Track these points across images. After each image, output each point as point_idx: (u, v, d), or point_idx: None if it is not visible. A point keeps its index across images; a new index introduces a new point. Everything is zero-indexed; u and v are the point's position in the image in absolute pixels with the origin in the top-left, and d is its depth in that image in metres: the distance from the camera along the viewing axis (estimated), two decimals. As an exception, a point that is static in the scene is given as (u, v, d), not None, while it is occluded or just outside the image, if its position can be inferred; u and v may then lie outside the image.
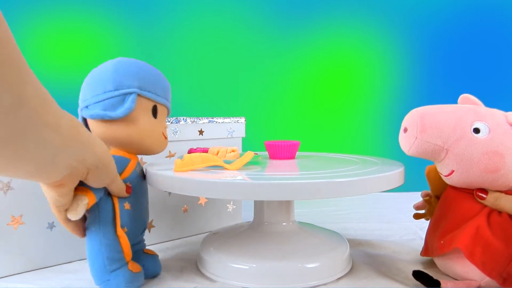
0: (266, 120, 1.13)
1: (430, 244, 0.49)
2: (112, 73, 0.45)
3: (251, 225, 0.55)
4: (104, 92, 0.44)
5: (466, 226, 0.43)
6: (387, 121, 1.14)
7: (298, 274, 0.45)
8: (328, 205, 0.91)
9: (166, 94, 0.49)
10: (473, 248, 0.41)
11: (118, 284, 0.42)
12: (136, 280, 0.44)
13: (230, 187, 0.40)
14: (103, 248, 0.43)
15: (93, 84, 0.45)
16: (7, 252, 0.50)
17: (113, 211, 0.44)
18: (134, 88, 0.45)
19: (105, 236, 0.43)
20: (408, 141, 0.44)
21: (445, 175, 0.46)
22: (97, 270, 0.43)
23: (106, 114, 0.44)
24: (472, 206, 0.45)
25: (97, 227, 0.43)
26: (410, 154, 0.45)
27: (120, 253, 0.43)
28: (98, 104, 0.44)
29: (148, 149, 0.48)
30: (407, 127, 0.44)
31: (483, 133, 0.42)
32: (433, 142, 0.42)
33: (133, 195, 0.46)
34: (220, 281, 0.47)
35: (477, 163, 0.42)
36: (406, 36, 1.14)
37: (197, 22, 1.10)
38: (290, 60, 1.16)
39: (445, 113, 0.43)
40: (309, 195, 0.39)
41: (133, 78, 0.45)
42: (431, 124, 0.42)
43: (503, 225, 0.42)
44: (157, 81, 0.48)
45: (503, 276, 0.41)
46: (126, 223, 0.45)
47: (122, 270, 0.43)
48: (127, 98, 0.44)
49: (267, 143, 0.59)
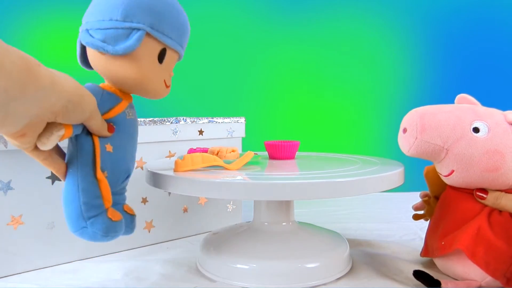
0: (266, 120, 1.13)
1: (430, 244, 0.49)
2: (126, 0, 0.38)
3: (251, 225, 0.55)
4: (110, 20, 0.38)
5: (467, 227, 0.43)
6: (387, 121, 1.14)
7: (298, 274, 0.46)
8: (328, 205, 0.91)
9: (181, 38, 0.43)
10: (474, 248, 0.41)
11: (95, 233, 0.38)
12: (115, 230, 0.39)
13: (230, 187, 0.40)
14: (80, 192, 0.38)
15: (100, 5, 0.40)
16: (7, 252, 0.50)
17: (93, 151, 0.39)
18: (145, 24, 0.39)
19: (83, 179, 0.38)
20: (407, 142, 0.44)
21: (445, 175, 0.45)
22: (72, 216, 0.38)
23: (104, 47, 0.38)
24: (472, 206, 0.45)
25: (75, 168, 0.38)
26: (410, 154, 0.45)
27: (99, 198, 0.39)
28: (99, 31, 0.39)
29: (145, 93, 0.43)
30: (406, 128, 0.44)
31: (482, 132, 0.42)
32: (433, 142, 0.42)
33: (117, 137, 0.41)
34: (220, 281, 0.47)
35: (477, 162, 0.42)
36: (406, 36, 1.14)
37: (197, 22, 1.10)
38: (290, 60, 1.16)
39: (444, 113, 0.43)
40: (309, 195, 0.39)
41: (147, 12, 0.39)
42: (431, 124, 0.42)
43: (505, 225, 0.42)
44: (176, 22, 0.41)
45: (507, 276, 0.41)
46: (107, 166, 0.40)
47: (100, 217, 0.38)
48: (133, 34, 0.39)
49: (267, 143, 0.59)
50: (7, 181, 0.49)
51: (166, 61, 0.42)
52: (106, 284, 0.47)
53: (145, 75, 0.40)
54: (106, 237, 0.38)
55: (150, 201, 0.62)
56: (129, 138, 0.43)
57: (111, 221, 0.39)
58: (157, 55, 0.41)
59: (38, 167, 0.51)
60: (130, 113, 0.43)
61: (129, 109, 0.43)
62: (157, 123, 0.62)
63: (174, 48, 0.42)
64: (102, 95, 0.40)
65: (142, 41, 0.39)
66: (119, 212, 0.42)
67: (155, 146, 0.63)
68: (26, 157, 0.50)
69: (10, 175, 0.49)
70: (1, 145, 0.48)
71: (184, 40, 0.44)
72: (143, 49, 0.40)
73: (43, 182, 0.51)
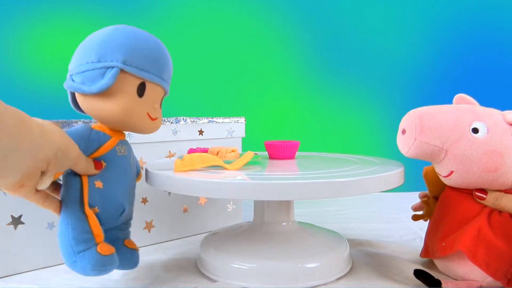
0: (266, 120, 1.13)
1: (430, 245, 0.49)
2: (100, 42, 0.41)
3: (251, 225, 0.55)
4: (86, 63, 0.41)
5: (467, 228, 0.43)
6: (387, 121, 1.14)
7: (298, 274, 0.45)
8: (328, 205, 0.91)
9: (161, 71, 0.44)
10: (475, 249, 0.41)
11: (84, 267, 0.39)
12: (105, 264, 0.40)
13: (230, 187, 0.40)
14: (70, 229, 0.39)
15: (80, 51, 0.42)
16: (7, 252, 0.50)
17: (80, 189, 0.40)
18: (118, 62, 0.40)
19: (70, 216, 0.39)
20: (407, 143, 0.44)
21: (444, 176, 0.45)
22: (65, 251, 0.39)
23: (81, 88, 0.40)
24: (472, 207, 0.45)
25: (65, 205, 0.40)
26: (409, 155, 0.45)
27: (88, 233, 0.40)
28: (79, 74, 0.41)
29: (131, 128, 0.44)
30: (405, 129, 0.44)
31: (481, 133, 0.42)
32: (432, 143, 0.42)
33: (108, 173, 0.42)
34: (220, 281, 0.47)
35: (477, 163, 0.42)
36: (406, 36, 1.14)
37: (197, 22, 1.10)
38: (290, 60, 1.16)
39: (443, 113, 0.43)
40: (309, 195, 0.39)
41: (120, 50, 0.40)
42: (430, 125, 0.42)
43: (505, 225, 0.42)
44: (151, 55, 0.42)
45: (507, 276, 0.41)
46: (97, 202, 0.41)
47: (89, 252, 0.39)
48: (108, 72, 0.40)
49: (267, 143, 0.59)
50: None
51: (147, 95, 0.43)
52: (106, 284, 0.47)
53: (125, 109, 0.41)
54: (94, 271, 0.39)
55: (150, 201, 0.62)
56: (121, 174, 0.44)
57: (100, 255, 0.39)
58: (135, 90, 0.42)
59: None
60: (121, 149, 0.44)
61: (120, 146, 0.44)
62: (157, 123, 0.62)
63: (154, 81, 0.43)
64: (90, 135, 0.42)
65: (118, 78, 0.40)
66: (119, 246, 0.44)
67: (155, 146, 0.63)
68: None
69: (10, 175, 0.49)
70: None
71: (163, 72, 0.44)
72: (120, 85, 0.41)
73: (43, 182, 0.51)
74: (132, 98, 0.42)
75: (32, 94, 0.94)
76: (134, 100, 0.42)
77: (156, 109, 0.45)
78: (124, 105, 0.41)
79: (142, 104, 0.43)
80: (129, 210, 0.46)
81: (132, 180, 0.46)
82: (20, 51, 0.94)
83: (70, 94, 0.44)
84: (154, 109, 0.44)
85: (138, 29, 0.43)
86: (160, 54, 0.44)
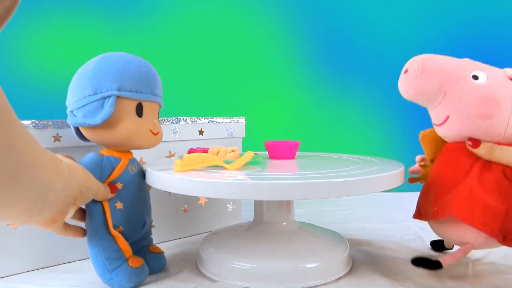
0: (266, 120, 1.13)
1: (423, 207, 0.48)
2: (92, 75, 0.43)
3: (251, 225, 0.55)
4: (84, 97, 0.43)
5: (458, 191, 0.43)
6: (387, 121, 1.14)
7: (298, 274, 0.46)
8: (328, 205, 0.91)
9: (153, 89, 0.46)
10: (470, 212, 0.41)
11: (120, 282, 0.44)
12: (138, 275, 0.45)
13: (230, 187, 0.40)
14: (101, 251, 0.44)
15: (74, 87, 0.45)
16: (7, 252, 0.50)
17: (103, 213, 0.45)
18: (113, 90, 0.43)
19: (100, 239, 0.44)
20: (407, 82, 0.45)
21: (439, 124, 0.46)
22: (100, 271, 0.45)
23: (86, 122, 0.43)
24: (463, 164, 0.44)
25: (92, 231, 0.45)
26: (408, 95, 0.46)
27: (118, 251, 0.44)
28: (79, 110, 0.44)
29: (138, 147, 0.47)
30: (408, 69, 0.45)
31: (481, 80, 0.43)
32: (432, 83, 0.43)
33: (126, 193, 0.46)
34: (220, 281, 0.47)
35: (473, 107, 0.42)
36: (406, 36, 1.14)
37: (197, 22, 1.10)
38: (290, 60, 1.16)
39: (446, 59, 0.44)
40: (309, 195, 0.39)
41: (112, 79, 0.43)
42: (432, 66, 0.43)
43: (495, 182, 0.42)
44: (141, 77, 0.45)
45: (502, 233, 0.41)
46: (121, 222, 0.46)
47: (122, 268, 0.44)
48: (106, 102, 0.43)
49: (267, 143, 0.59)
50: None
51: (146, 113, 0.46)
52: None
53: (130, 132, 0.45)
54: (130, 283, 0.44)
55: (150, 201, 0.62)
56: (137, 191, 0.48)
57: (133, 268, 0.44)
58: (134, 111, 0.45)
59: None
60: (133, 168, 0.48)
61: (130, 165, 0.48)
62: (157, 123, 0.62)
63: (149, 99, 0.46)
64: (102, 162, 0.45)
65: (116, 105, 0.43)
66: (146, 253, 0.49)
67: (155, 146, 0.63)
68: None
69: (10, 175, 0.49)
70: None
71: (155, 89, 0.47)
72: (120, 111, 0.44)
73: (43, 182, 0.51)
74: (133, 120, 0.45)
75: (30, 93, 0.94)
76: (135, 121, 0.45)
77: (155, 124, 0.48)
78: (128, 128, 0.44)
79: (143, 123, 0.46)
80: (148, 220, 0.50)
81: (146, 194, 0.50)
82: (20, 51, 0.94)
83: (73, 128, 0.47)
84: (154, 125, 0.47)
85: (122, 53, 0.46)
86: (149, 73, 0.46)
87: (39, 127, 0.50)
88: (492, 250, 0.57)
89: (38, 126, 0.50)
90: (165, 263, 0.51)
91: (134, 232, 0.47)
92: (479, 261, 0.53)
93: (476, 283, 0.47)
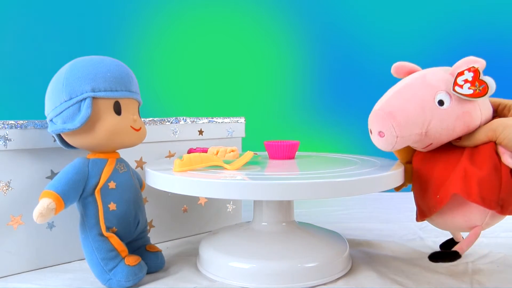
0: (266, 120, 1.13)
1: (424, 206, 0.48)
2: (65, 81, 0.43)
3: (251, 225, 0.55)
4: (60, 104, 0.43)
5: (454, 173, 0.44)
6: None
7: (298, 274, 0.46)
8: (328, 205, 0.91)
9: (127, 86, 0.46)
10: (468, 188, 0.42)
11: (119, 281, 0.44)
12: (136, 273, 0.45)
13: (230, 187, 0.40)
14: (95, 251, 0.44)
15: (50, 95, 0.45)
16: (7, 252, 0.50)
17: (96, 215, 0.45)
18: (88, 92, 0.43)
19: (93, 240, 0.44)
20: (389, 143, 0.44)
21: (423, 148, 0.47)
22: (97, 272, 0.45)
23: (65, 127, 0.43)
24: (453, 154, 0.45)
25: (85, 233, 0.45)
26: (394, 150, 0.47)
27: (113, 251, 0.45)
28: (58, 117, 0.44)
29: (121, 145, 0.47)
30: (383, 132, 0.44)
31: (447, 103, 0.43)
32: (413, 133, 0.43)
33: (117, 193, 0.46)
34: (220, 281, 0.47)
35: (452, 129, 0.43)
36: (406, 36, 1.14)
37: (197, 22, 1.10)
38: (290, 60, 1.16)
39: (407, 101, 0.43)
40: (309, 195, 0.39)
41: (86, 81, 0.43)
42: (405, 120, 0.43)
43: (484, 156, 0.43)
44: (114, 75, 0.45)
45: (500, 203, 0.41)
46: (114, 223, 0.46)
47: (119, 267, 0.44)
48: (82, 104, 0.43)
49: (266, 143, 0.59)
50: (7, 181, 0.49)
51: (124, 110, 0.46)
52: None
53: (110, 130, 0.44)
54: (129, 281, 0.44)
55: (150, 201, 0.62)
56: (128, 190, 0.48)
57: (130, 267, 0.44)
58: (112, 110, 0.45)
59: (38, 167, 0.51)
60: (121, 167, 0.48)
61: (119, 164, 0.48)
62: (157, 123, 0.62)
63: (124, 96, 0.46)
64: (88, 166, 0.45)
65: (93, 106, 0.43)
66: (143, 252, 0.49)
67: (155, 146, 0.63)
68: (26, 157, 0.50)
69: (10, 175, 0.49)
70: (1, 145, 0.48)
71: (128, 86, 0.46)
72: (97, 112, 0.44)
73: (43, 182, 0.51)
74: (112, 119, 0.45)
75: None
76: (114, 119, 0.45)
77: (136, 120, 0.47)
78: (108, 127, 0.44)
79: (123, 120, 0.46)
80: (142, 220, 0.50)
81: (138, 193, 0.50)
82: (21, 51, 0.94)
83: (56, 136, 0.47)
84: (134, 121, 0.47)
85: (93, 56, 0.46)
86: (122, 71, 0.46)
87: (39, 127, 0.50)
88: (492, 250, 0.57)
89: (38, 126, 0.50)
90: (164, 262, 0.51)
91: (128, 232, 0.48)
92: (479, 261, 0.53)
93: (476, 282, 0.47)
